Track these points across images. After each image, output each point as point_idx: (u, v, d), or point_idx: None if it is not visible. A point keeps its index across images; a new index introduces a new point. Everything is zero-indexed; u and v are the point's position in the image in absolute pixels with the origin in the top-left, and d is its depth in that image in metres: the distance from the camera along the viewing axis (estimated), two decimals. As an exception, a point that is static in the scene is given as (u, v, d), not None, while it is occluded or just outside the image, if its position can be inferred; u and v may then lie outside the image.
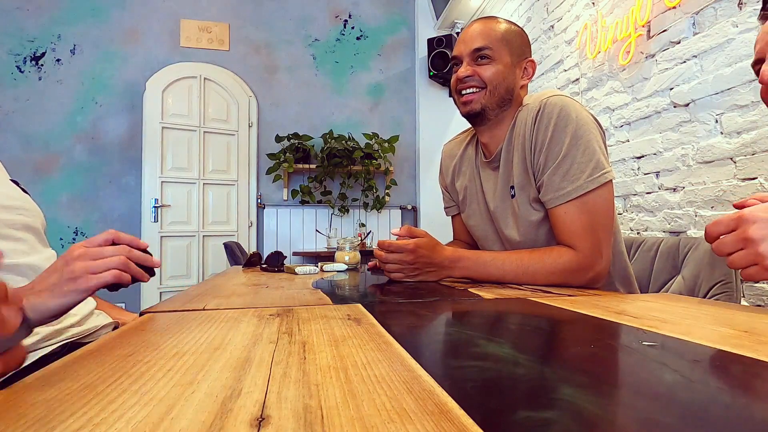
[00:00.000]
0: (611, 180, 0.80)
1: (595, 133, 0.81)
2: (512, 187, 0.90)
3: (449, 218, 1.19)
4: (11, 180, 0.82)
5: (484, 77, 0.89)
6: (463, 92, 0.92)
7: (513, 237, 0.92)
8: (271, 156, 3.54)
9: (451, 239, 1.19)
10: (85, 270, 0.52)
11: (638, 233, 1.93)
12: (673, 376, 0.28)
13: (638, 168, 1.94)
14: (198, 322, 0.46)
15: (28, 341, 0.67)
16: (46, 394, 0.25)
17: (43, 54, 3.38)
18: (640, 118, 1.93)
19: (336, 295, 0.69)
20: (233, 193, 3.58)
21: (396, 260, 0.84)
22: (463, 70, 0.90)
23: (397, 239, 0.86)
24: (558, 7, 2.57)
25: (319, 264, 1.16)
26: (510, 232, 0.93)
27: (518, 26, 0.95)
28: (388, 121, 3.92)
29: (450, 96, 3.72)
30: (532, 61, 0.94)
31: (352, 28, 3.94)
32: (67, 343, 0.73)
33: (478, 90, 0.90)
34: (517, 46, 0.91)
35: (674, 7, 1.73)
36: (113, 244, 0.58)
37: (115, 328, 0.82)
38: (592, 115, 0.84)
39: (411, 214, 3.94)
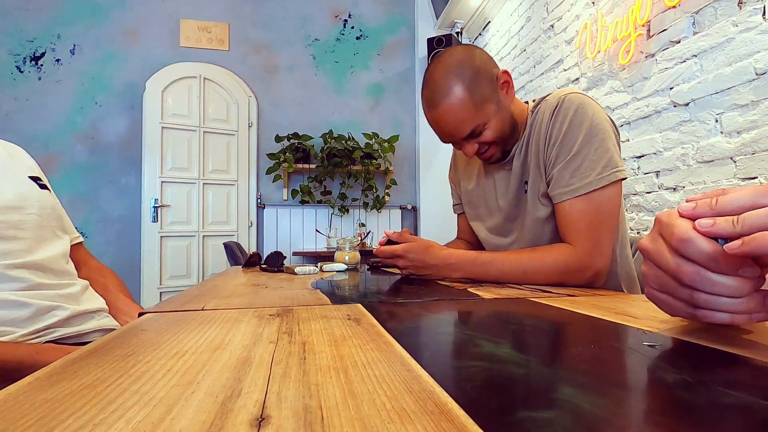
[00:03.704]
0: (621, 179, 0.80)
1: (610, 133, 0.81)
2: (526, 182, 0.90)
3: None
4: (30, 177, 0.82)
5: (488, 141, 0.87)
6: (480, 154, 0.90)
7: (523, 235, 0.92)
8: (271, 156, 3.54)
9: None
10: None
11: (638, 233, 1.93)
12: (673, 377, 0.28)
13: (638, 167, 1.94)
14: (198, 322, 0.46)
15: (5, 338, 0.67)
16: (46, 394, 0.25)
17: (43, 54, 3.38)
18: (640, 118, 1.92)
19: (336, 295, 0.69)
20: (233, 193, 3.58)
21: (390, 264, 0.86)
22: (469, 150, 0.88)
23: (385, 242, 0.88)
24: (558, 7, 2.57)
25: (319, 264, 1.16)
26: (520, 229, 0.93)
27: (465, 62, 0.84)
28: (388, 121, 3.92)
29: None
30: (504, 72, 0.87)
31: (352, 27, 3.94)
32: (51, 342, 0.73)
33: (490, 145, 0.88)
34: (485, 87, 0.84)
35: (674, 7, 1.73)
36: None
37: None
38: (608, 116, 0.84)
39: (411, 213, 3.94)
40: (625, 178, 0.81)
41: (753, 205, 0.28)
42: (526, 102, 0.95)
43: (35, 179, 0.83)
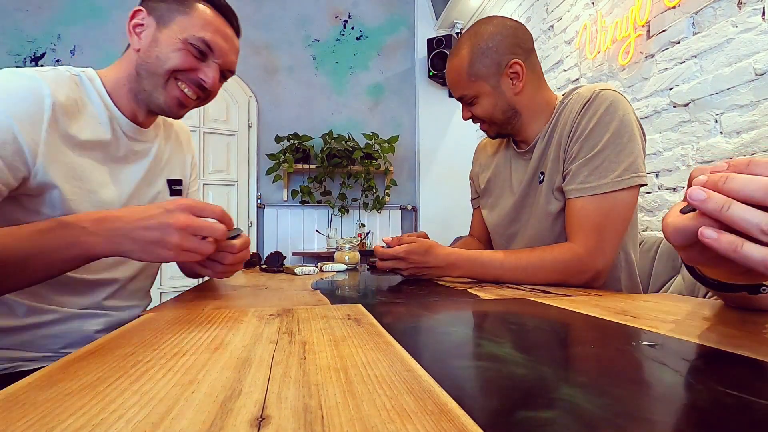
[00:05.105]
0: (639, 185, 0.78)
1: (637, 136, 0.80)
2: (542, 173, 0.90)
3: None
4: (169, 180, 0.81)
5: (478, 116, 0.93)
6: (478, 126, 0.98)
7: (533, 226, 0.92)
8: (271, 156, 3.54)
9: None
10: (178, 246, 0.54)
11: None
12: (673, 376, 0.28)
13: (638, 168, 1.94)
14: (198, 322, 0.46)
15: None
16: (46, 394, 0.25)
17: (43, 54, 3.38)
18: (639, 118, 1.92)
19: (336, 295, 0.69)
20: (233, 193, 3.58)
21: (390, 267, 0.86)
22: (463, 114, 0.96)
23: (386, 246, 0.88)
24: (557, 7, 2.57)
25: (319, 264, 1.16)
26: (527, 219, 0.93)
27: (485, 35, 0.87)
28: (387, 121, 3.92)
29: (450, 96, 3.75)
30: (517, 63, 0.87)
31: (352, 28, 3.94)
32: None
33: (482, 121, 0.95)
34: (489, 66, 0.87)
35: (674, 7, 1.74)
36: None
37: None
38: (637, 118, 0.83)
39: (411, 214, 3.94)
40: (645, 185, 0.79)
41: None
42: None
43: (173, 183, 0.82)
